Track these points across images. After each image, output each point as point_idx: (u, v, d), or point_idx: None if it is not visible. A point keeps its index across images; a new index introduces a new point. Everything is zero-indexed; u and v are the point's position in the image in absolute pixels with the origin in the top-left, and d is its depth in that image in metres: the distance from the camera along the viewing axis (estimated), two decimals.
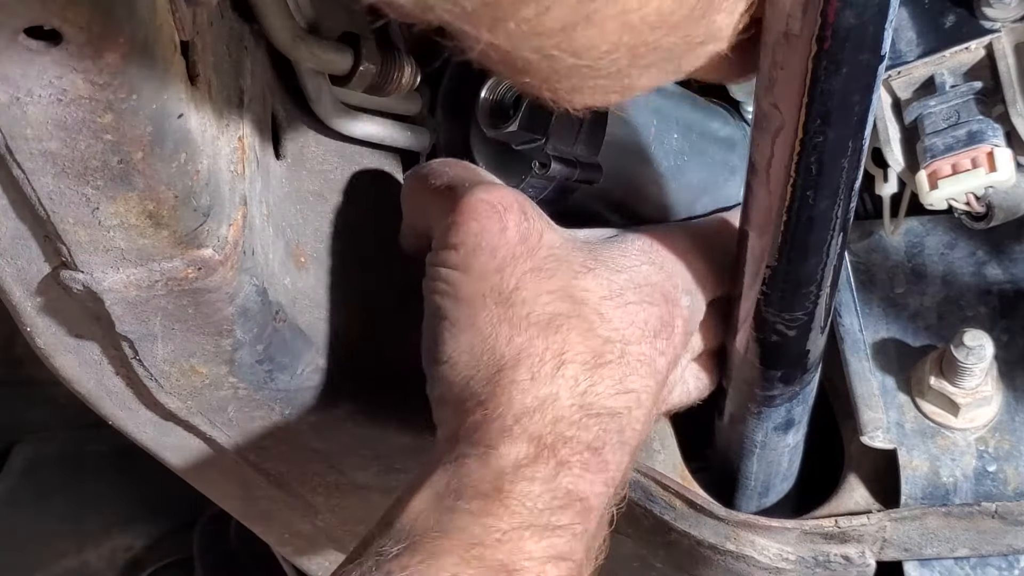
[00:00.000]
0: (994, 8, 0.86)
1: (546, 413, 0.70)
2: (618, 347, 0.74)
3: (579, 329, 0.73)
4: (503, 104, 0.87)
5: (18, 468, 1.77)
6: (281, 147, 0.94)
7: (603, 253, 0.77)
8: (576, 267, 0.75)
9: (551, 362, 0.71)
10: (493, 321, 0.73)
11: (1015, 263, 1.00)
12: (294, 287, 0.90)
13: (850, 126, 0.64)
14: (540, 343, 0.72)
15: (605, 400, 0.72)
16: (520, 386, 0.71)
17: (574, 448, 0.70)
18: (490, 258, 0.74)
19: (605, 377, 0.73)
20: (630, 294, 0.75)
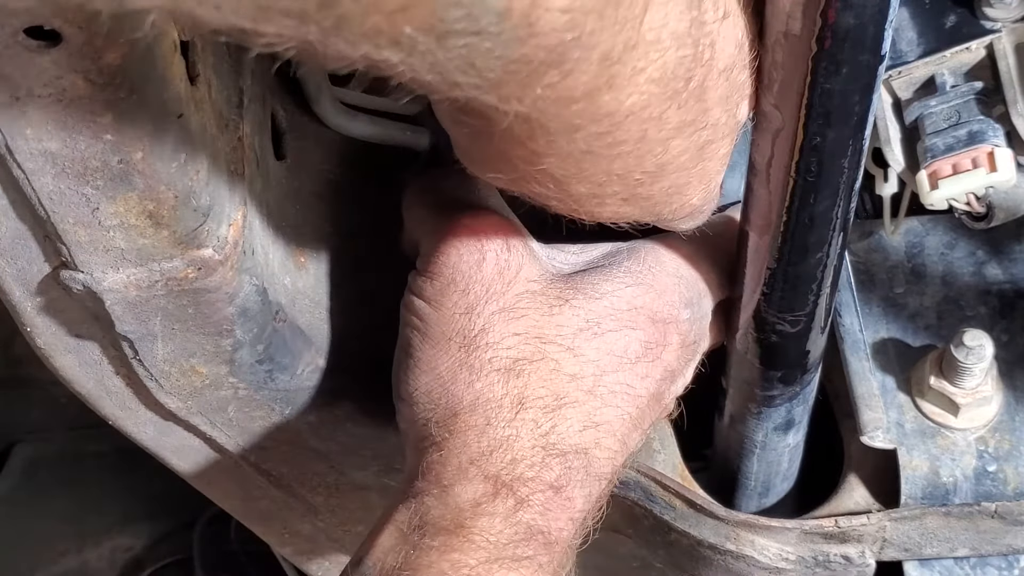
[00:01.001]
0: (995, 8, 0.86)
1: (504, 455, 0.70)
2: (588, 381, 0.73)
3: (541, 372, 0.73)
4: None
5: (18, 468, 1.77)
6: (281, 147, 0.94)
7: (583, 281, 0.76)
8: (552, 301, 0.74)
9: (508, 408, 0.72)
10: (454, 366, 0.73)
11: (1015, 263, 1.00)
12: (294, 287, 0.90)
13: (850, 126, 0.64)
14: (500, 388, 0.72)
15: (569, 439, 0.72)
16: (475, 431, 0.71)
17: (534, 488, 0.70)
18: (461, 296, 0.75)
19: (568, 416, 0.72)
20: (608, 322, 0.75)
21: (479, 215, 0.78)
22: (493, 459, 0.70)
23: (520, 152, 0.57)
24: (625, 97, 0.51)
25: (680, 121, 0.57)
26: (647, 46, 0.50)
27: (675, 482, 0.95)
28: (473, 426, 0.71)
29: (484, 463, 0.70)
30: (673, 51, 0.52)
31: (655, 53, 0.51)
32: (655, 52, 0.51)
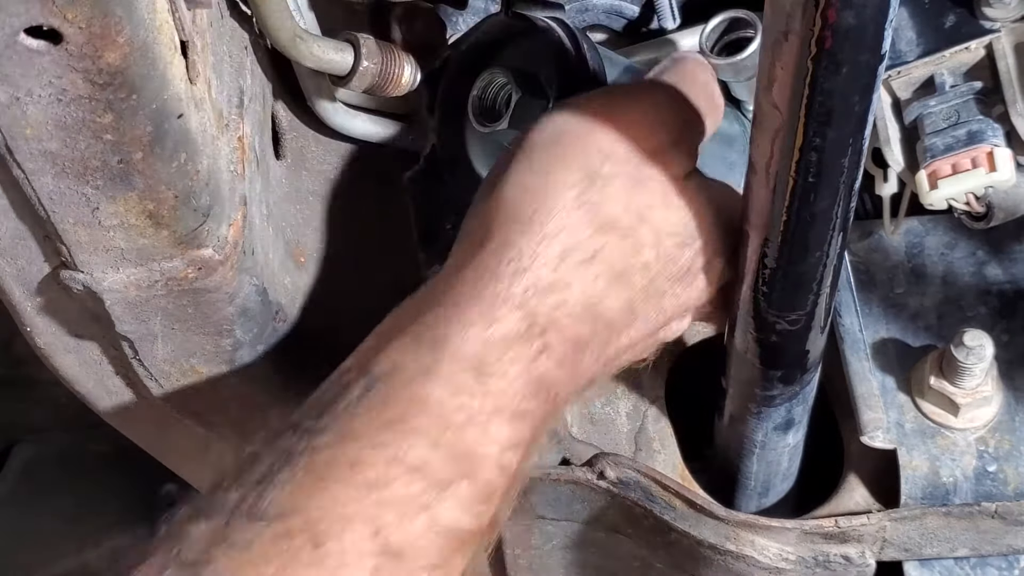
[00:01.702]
0: (994, 8, 0.86)
1: (554, 295, 0.71)
2: (650, 274, 0.75)
3: (624, 244, 0.73)
4: (494, 103, 0.87)
5: (18, 468, 1.77)
6: (281, 147, 0.94)
7: (688, 199, 0.77)
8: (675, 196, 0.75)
9: (582, 254, 0.72)
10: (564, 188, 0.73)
11: (1015, 263, 1.00)
12: (294, 287, 0.90)
13: (850, 126, 0.63)
14: (585, 231, 0.72)
15: (610, 311, 0.73)
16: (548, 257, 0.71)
17: (560, 337, 0.70)
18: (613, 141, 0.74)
19: (620, 295, 0.73)
20: (697, 242, 0.76)
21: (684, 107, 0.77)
22: (544, 297, 0.70)
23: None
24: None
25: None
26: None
27: (675, 482, 0.95)
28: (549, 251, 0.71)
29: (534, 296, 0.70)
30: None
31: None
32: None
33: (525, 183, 0.73)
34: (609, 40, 0.99)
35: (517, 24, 0.87)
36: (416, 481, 0.63)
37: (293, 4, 0.85)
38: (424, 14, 0.97)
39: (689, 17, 0.97)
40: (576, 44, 0.82)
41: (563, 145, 0.74)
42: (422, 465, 0.64)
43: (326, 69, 0.87)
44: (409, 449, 0.64)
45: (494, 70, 0.87)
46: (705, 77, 0.81)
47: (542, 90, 0.85)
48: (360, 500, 0.62)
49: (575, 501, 0.99)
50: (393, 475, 0.63)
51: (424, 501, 0.63)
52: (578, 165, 0.73)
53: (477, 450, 0.66)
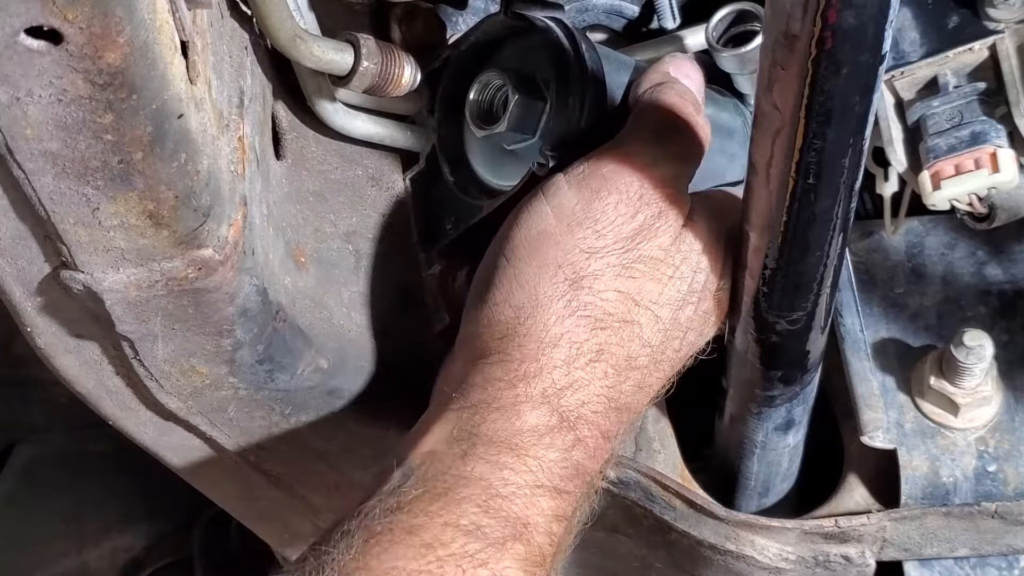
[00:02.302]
0: (998, 9, 0.86)
1: (576, 395, 0.73)
2: (656, 350, 0.77)
3: (624, 333, 0.76)
4: (492, 105, 0.87)
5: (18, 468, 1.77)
6: (281, 147, 0.94)
7: (680, 260, 0.78)
8: (666, 271, 0.77)
9: (587, 354, 0.74)
10: (555, 295, 0.75)
11: (1015, 263, 1.00)
12: (294, 287, 0.90)
13: (850, 126, 0.63)
14: (584, 334, 0.75)
15: (626, 397, 0.76)
16: (554, 364, 0.74)
17: (591, 431, 0.73)
18: (594, 236, 0.76)
19: (632, 378, 0.76)
20: (692, 297, 0.78)
21: (667, 167, 0.78)
22: (565, 396, 0.73)
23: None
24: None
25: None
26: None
27: (675, 482, 0.95)
28: (552, 359, 0.73)
29: (556, 398, 0.72)
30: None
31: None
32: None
33: (513, 300, 0.76)
34: (609, 40, 0.99)
35: (516, 24, 0.87)
36: (472, 542, 0.66)
37: (293, 4, 0.85)
38: (424, 14, 0.97)
39: (689, 17, 0.97)
40: (574, 44, 0.82)
41: (544, 252, 0.76)
42: (475, 529, 0.66)
43: (326, 69, 0.87)
44: (462, 515, 0.67)
45: (490, 72, 0.87)
46: (686, 113, 0.81)
47: (539, 91, 0.85)
48: (420, 558, 0.64)
49: None
50: (449, 537, 0.65)
51: (482, 559, 0.66)
52: (563, 274, 0.75)
53: (527, 517, 0.68)
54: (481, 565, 0.65)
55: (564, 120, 0.83)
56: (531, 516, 0.68)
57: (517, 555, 0.67)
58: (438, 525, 0.66)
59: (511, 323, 0.75)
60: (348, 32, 0.88)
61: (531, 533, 0.68)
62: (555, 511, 0.70)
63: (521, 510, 0.68)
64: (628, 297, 0.76)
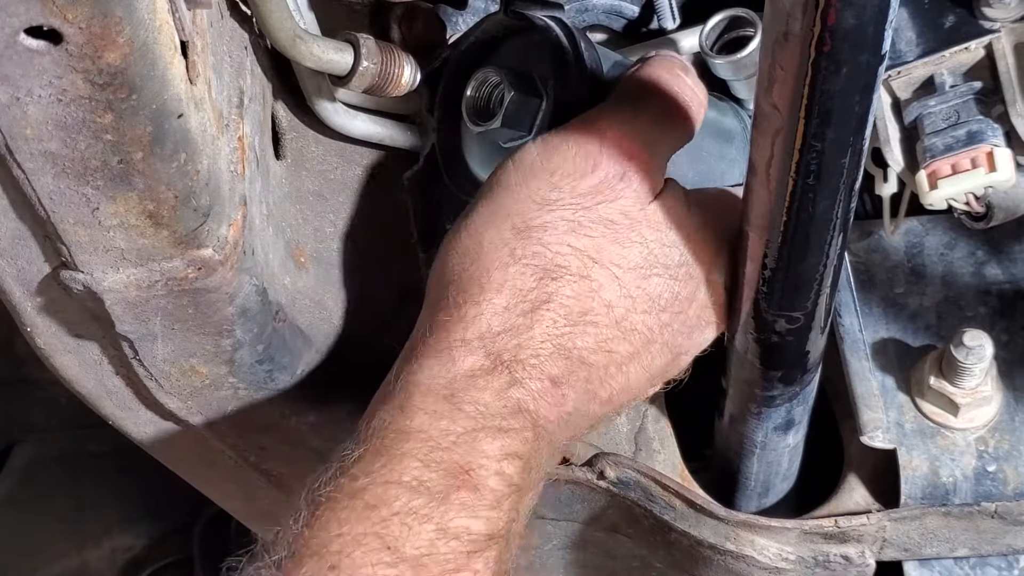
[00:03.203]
0: (994, 8, 0.86)
1: (511, 338, 0.72)
2: (619, 312, 0.75)
3: (578, 287, 0.74)
4: (488, 102, 0.87)
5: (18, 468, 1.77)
6: (281, 147, 0.94)
7: (646, 229, 0.77)
8: (628, 235, 0.76)
9: (532, 302, 0.73)
10: (498, 243, 0.75)
11: (1015, 263, 1.00)
12: (294, 287, 0.90)
13: (850, 126, 0.64)
14: (530, 282, 0.74)
15: (581, 350, 0.74)
16: (493, 309, 0.73)
17: (532, 374, 0.72)
18: (549, 187, 0.75)
19: (588, 332, 0.74)
20: (659, 268, 0.77)
21: (638, 131, 0.77)
22: (500, 339, 0.72)
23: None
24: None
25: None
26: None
27: (675, 482, 0.95)
28: (492, 304, 0.73)
29: (491, 342, 0.72)
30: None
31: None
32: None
33: (461, 247, 0.76)
34: (609, 40, 0.99)
35: (516, 23, 0.87)
36: (416, 498, 0.66)
37: (293, 4, 0.85)
38: (424, 14, 0.97)
39: (689, 17, 0.97)
40: (574, 43, 0.82)
41: (496, 201, 0.76)
42: (418, 483, 0.66)
43: (326, 69, 0.87)
44: (403, 471, 0.66)
45: (487, 70, 0.87)
46: (672, 86, 0.80)
47: (536, 88, 0.85)
48: (364, 520, 0.64)
49: (575, 501, 0.99)
50: (392, 495, 0.65)
51: (427, 512, 0.65)
52: (511, 223, 0.75)
53: (470, 464, 0.68)
54: (426, 520, 0.65)
55: (563, 118, 0.83)
56: (474, 461, 0.68)
57: (464, 503, 0.66)
58: (380, 484, 0.66)
59: (455, 269, 0.75)
60: (348, 32, 0.88)
61: (477, 478, 0.67)
62: (503, 450, 0.69)
63: (463, 457, 0.68)
64: (583, 254, 0.74)
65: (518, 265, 0.74)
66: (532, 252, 0.74)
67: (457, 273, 0.75)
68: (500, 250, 0.74)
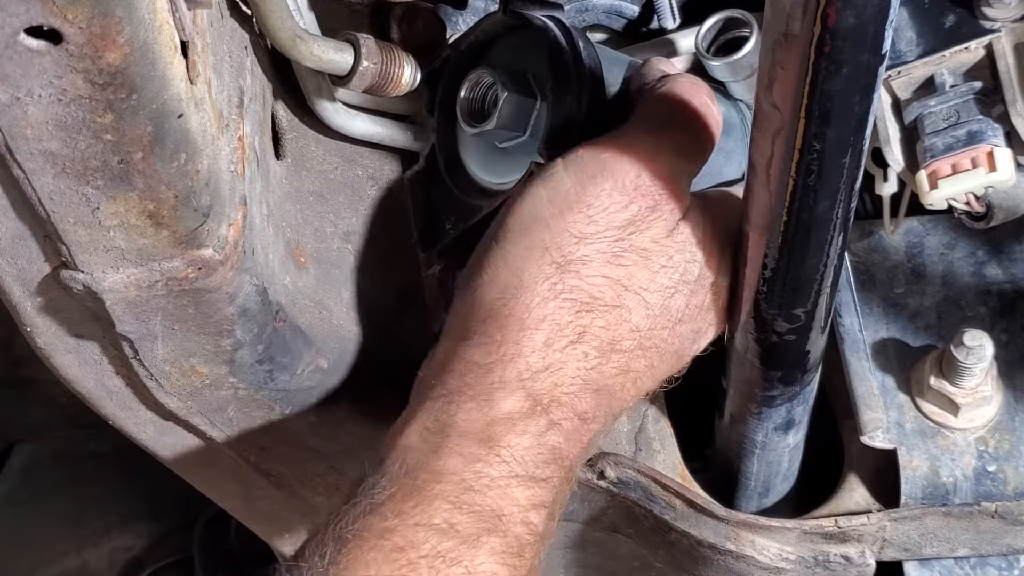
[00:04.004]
0: (994, 8, 0.86)
1: (549, 377, 0.73)
2: (643, 335, 0.76)
3: (610, 317, 0.75)
4: (482, 103, 0.87)
5: (18, 468, 1.77)
6: (281, 147, 0.94)
7: (673, 251, 0.78)
8: (658, 259, 0.76)
9: (569, 337, 0.74)
10: (540, 277, 0.74)
11: (1015, 263, 1.00)
12: (294, 287, 0.90)
13: (850, 126, 0.64)
14: (567, 317, 0.74)
15: (606, 378, 0.75)
16: (532, 347, 0.73)
17: (566, 413, 0.73)
18: (585, 221, 0.75)
19: (615, 360, 0.75)
20: (680, 286, 0.78)
21: (666, 160, 0.77)
22: (540, 379, 0.72)
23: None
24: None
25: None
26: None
27: (675, 482, 0.95)
28: (532, 341, 0.73)
29: (531, 381, 0.72)
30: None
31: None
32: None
33: (499, 281, 0.76)
34: (609, 40, 0.99)
35: (515, 23, 0.87)
36: (445, 540, 0.65)
37: (293, 4, 0.85)
38: (424, 14, 0.97)
39: (689, 17, 0.97)
40: (572, 42, 0.82)
41: (533, 235, 0.76)
42: (448, 527, 0.66)
43: (326, 69, 0.87)
44: (434, 514, 0.66)
45: (480, 70, 0.87)
46: (695, 109, 0.80)
47: (530, 88, 0.85)
48: (393, 563, 0.64)
49: (575, 501, 0.99)
50: (422, 537, 0.65)
51: (456, 556, 0.65)
52: (550, 257, 0.75)
53: (501, 509, 0.68)
54: (455, 563, 0.65)
55: (562, 118, 0.83)
56: (506, 508, 0.68)
57: (492, 549, 0.66)
58: (410, 526, 0.65)
59: (495, 304, 0.75)
60: (348, 32, 0.88)
61: (507, 525, 0.67)
62: (531, 500, 0.69)
63: (495, 502, 0.68)
64: (616, 283, 0.75)
65: (558, 300, 0.74)
66: (571, 286, 0.74)
67: (496, 308, 0.75)
68: (541, 285, 0.74)
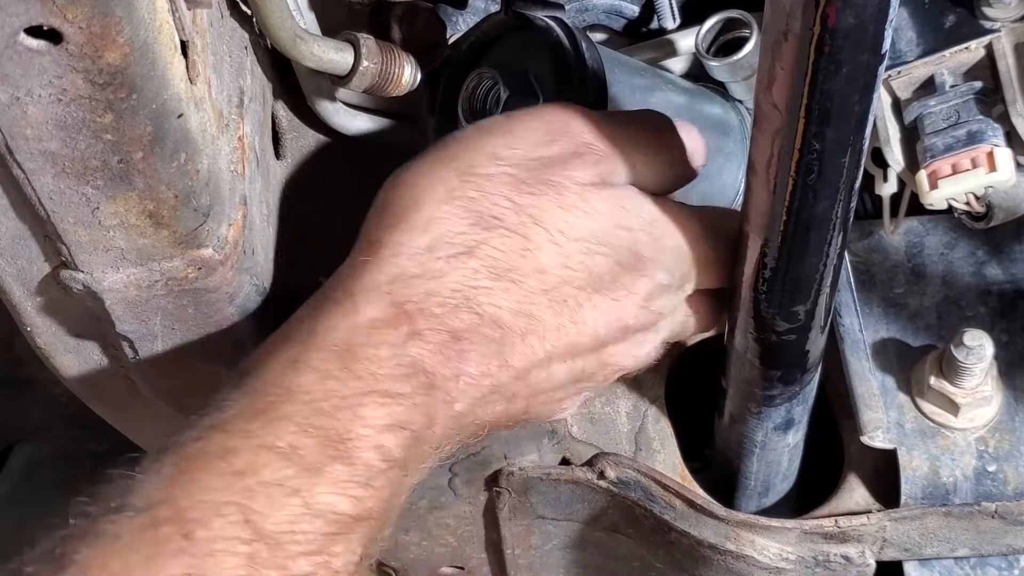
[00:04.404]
0: (994, 8, 0.86)
1: (422, 284, 0.68)
2: (551, 279, 0.71)
3: (511, 243, 0.70)
4: (484, 103, 0.87)
5: (18, 468, 1.76)
6: (281, 147, 0.94)
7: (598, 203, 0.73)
8: (577, 203, 0.72)
9: (457, 247, 0.69)
10: (437, 180, 0.71)
11: (1015, 263, 1.00)
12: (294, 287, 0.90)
13: (850, 126, 0.64)
14: (461, 226, 0.70)
15: (496, 309, 0.70)
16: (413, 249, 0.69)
17: (434, 325, 0.67)
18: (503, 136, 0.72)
19: (508, 290, 0.70)
20: (605, 248, 0.73)
21: (616, 135, 0.74)
22: (411, 285, 0.68)
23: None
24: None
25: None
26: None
27: (675, 482, 0.95)
28: (413, 243, 0.69)
29: (400, 286, 0.68)
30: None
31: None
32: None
33: (398, 181, 0.73)
34: (609, 40, 0.99)
35: (517, 24, 0.87)
36: (287, 467, 0.61)
37: (293, 4, 0.85)
38: (424, 14, 0.97)
39: (689, 17, 0.97)
40: (575, 43, 0.82)
41: (449, 148, 0.73)
42: (292, 451, 0.61)
43: (326, 69, 0.87)
44: (278, 436, 0.62)
45: (482, 70, 0.87)
46: (677, 136, 0.78)
47: (532, 88, 0.85)
48: (229, 488, 0.60)
49: (575, 501, 0.99)
50: (263, 462, 0.61)
51: (295, 485, 0.61)
52: (455, 165, 0.71)
53: (349, 433, 0.63)
54: (293, 493, 0.60)
55: None
56: (355, 430, 0.63)
57: (335, 478, 0.62)
58: (253, 447, 0.61)
59: (385, 204, 0.72)
60: (348, 32, 0.88)
61: (354, 450, 0.63)
62: (386, 419, 0.64)
63: (344, 425, 0.63)
64: (523, 210, 0.71)
65: (451, 205, 0.70)
66: (470, 196, 0.70)
67: (388, 205, 0.71)
68: (438, 187, 0.70)
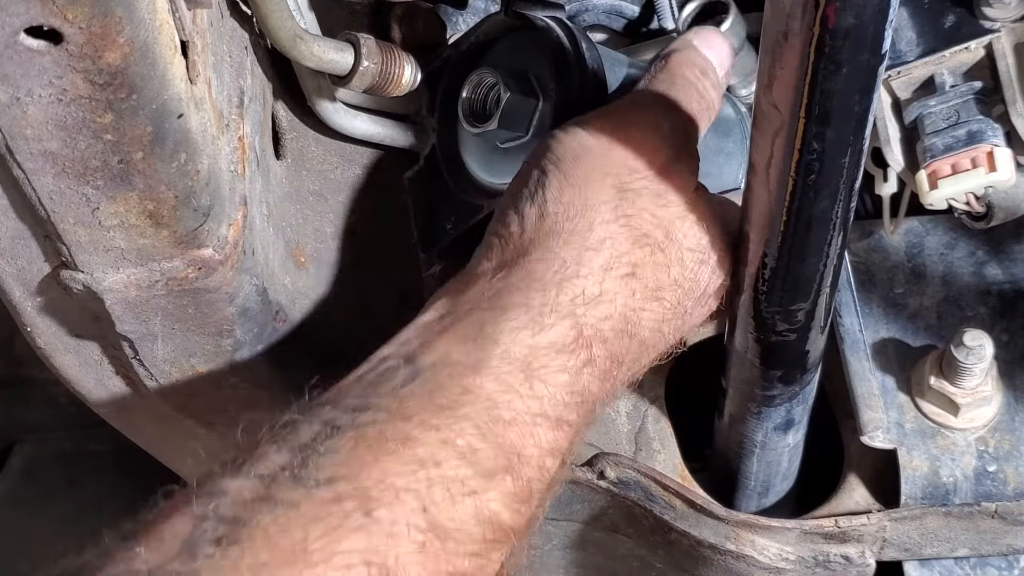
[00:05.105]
0: (994, 8, 0.86)
1: (601, 307, 0.70)
2: (677, 293, 0.75)
3: (656, 259, 0.73)
4: (484, 103, 0.87)
5: (18, 468, 1.77)
6: (281, 147, 0.94)
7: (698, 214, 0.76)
8: (706, 215, 0.75)
9: (625, 268, 0.72)
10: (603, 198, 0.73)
11: (1015, 263, 1.00)
12: (294, 287, 0.90)
13: (850, 126, 0.64)
14: (624, 245, 0.72)
15: (644, 329, 0.73)
16: (592, 268, 0.71)
17: (603, 351, 0.70)
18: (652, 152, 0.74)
19: (654, 311, 0.73)
20: (712, 258, 0.76)
21: (680, 120, 0.77)
22: (591, 308, 0.70)
23: None
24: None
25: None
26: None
27: (675, 482, 0.95)
28: (592, 263, 0.71)
29: (582, 308, 0.70)
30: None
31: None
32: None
33: (562, 198, 0.73)
34: (609, 40, 0.99)
35: (516, 24, 0.87)
36: (465, 466, 0.63)
37: (293, 4, 0.85)
38: (424, 14, 0.97)
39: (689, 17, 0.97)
40: (574, 42, 0.82)
41: (591, 158, 0.74)
42: (471, 452, 0.63)
43: (326, 69, 0.87)
44: (460, 434, 0.63)
45: (482, 71, 0.87)
46: (694, 73, 0.80)
47: (532, 88, 0.85)
48: (411, 475, 0.61)
49: (575, 501, 0.99)
50: (443, 456, 0.62)
51: (472, 487, 0.62)
52: (610, 181, 0.73)
53: (522, 449, 0.65)
54: (470, 494, 0.62)
55: (564, 118, 0.83)
56: (526, 448, 0.65)
57: (505, 489, 0.64)
58: (434, 441, 0.62)
59: (557, 220, 0.72)
60: (348, 32, 0.88)
61: (522, 466, 0.65)
62: (552, 444, 0.67)
63: (518, 439, 0.65)
64: (662, 225, 0.73)
65: (617, 224, 0.72)
66: (629, 213, 0.72)
67: (560, 223, 0.72)
68: (603, 206, 0.72)
